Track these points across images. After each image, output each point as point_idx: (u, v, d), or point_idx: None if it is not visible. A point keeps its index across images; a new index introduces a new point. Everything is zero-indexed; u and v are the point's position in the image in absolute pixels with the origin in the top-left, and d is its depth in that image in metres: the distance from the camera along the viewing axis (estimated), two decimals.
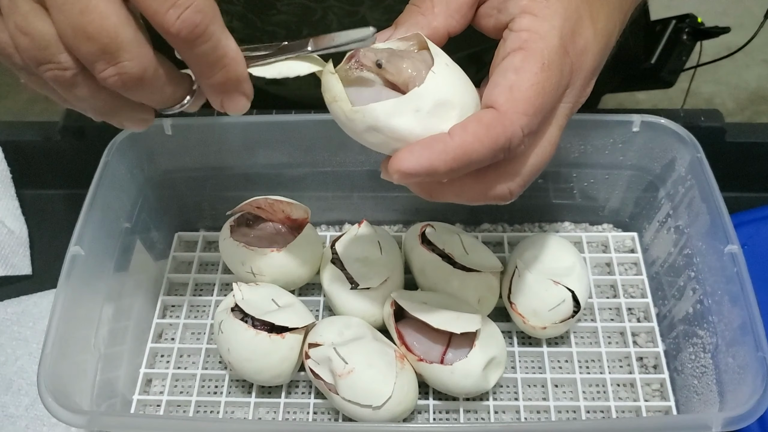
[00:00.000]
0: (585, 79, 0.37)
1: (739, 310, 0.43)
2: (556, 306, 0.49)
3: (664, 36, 0.76)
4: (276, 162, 0.55)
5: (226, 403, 0.50)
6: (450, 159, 0.33)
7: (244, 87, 0.36)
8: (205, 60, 0.34)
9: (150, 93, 0.34)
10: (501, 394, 0.50)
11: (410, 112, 0.34)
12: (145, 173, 0.54)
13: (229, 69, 0.35)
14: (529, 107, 0.33)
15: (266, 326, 0.48)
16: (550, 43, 0.34)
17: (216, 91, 0.36)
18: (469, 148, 0.33)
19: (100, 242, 0.49)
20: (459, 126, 0.33)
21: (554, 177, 0.56)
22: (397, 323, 0.49)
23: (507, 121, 0.33)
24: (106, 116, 0.37)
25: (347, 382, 0.45)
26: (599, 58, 0.38)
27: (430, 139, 0.33)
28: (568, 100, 0.37)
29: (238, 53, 0.35)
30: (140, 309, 0.53)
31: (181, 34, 0.32)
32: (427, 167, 0.33)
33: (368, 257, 0.51)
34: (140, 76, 0.33)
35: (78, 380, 0.45)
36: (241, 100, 0.36)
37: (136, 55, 0.33)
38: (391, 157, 0.33)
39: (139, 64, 0.33)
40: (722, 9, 1.60)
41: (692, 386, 0.48)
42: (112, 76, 0.33)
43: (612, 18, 0.38)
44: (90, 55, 0.32)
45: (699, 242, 0.49)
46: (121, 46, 0.32)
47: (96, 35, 0.32)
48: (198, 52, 0.33)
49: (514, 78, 0.34)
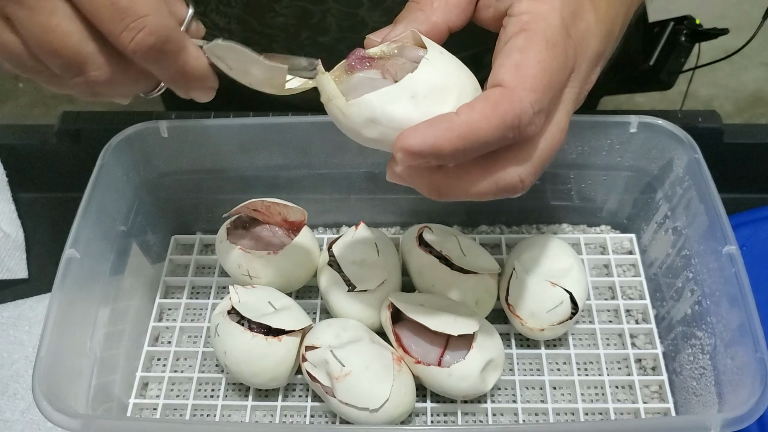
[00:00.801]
0: (589, 64, 0.36)
1: (738, 311, 0.43)
2: (554, 308, 0.49)
3: (663, 37, 0.76)
4: (273, 164, 0.55)
5: (222, 406, 0.50)
6: (455, 137, 0.31)
7: (208, 82, 0.38)
8: (166, 71, 0.36)
9: (121, 91, 0.37)
10: (499, 397, 0.50)
11: (406, 98, 0.33)
12: (141, 176, 0.54)
13: (191, 75, 0.37)
14: (537, 83, 0.32)
15: (263, 329, 0.47)
16: (551, 23, 0.34)
17: (181, 90, 0.38)
18: (476, 125, 0.31)
19: (95, 245, 0.48)
20: (466, 105, 0.32)
21: (552, 178, 0.56)
22: (394, 325, 0.49)
23: (515, 97, 0.32)
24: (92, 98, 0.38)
25: (344, 385, 0.45)
26: (603, 43, 0.37)
27: (435, 118, 0.32)
28: (574, 84, 0.36)
29: (198, 56, 0.37)
30: (136, 312, 0.53)
31: (136, 55, 0.34)
32: (432, 145, 0.31)
33: (365, 259, 0.51)
34: (108, 81, 0.35)
35: (73, 384, 0.45)
36: (208, 92, 0.39)
37: (102, 64, 0.34)
38: (396, 138, 0.32)
39: (105, 73, 0.35)
40: (720, 12, 1.60)
41: (691, 388, 0.47)
42: (81, 84, 0.35)
43: (614, 5, 0.38)
44: (57, 68, 0.34)
45: (697, 243, 0.49)
46: (86, 60, 0.34)
47: (60, 52, 0.33)
48: (157, 66, 0.35)
49: (519, 57, 0.33)
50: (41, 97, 1.67)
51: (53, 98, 1.66)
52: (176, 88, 0.38)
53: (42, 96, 1.67)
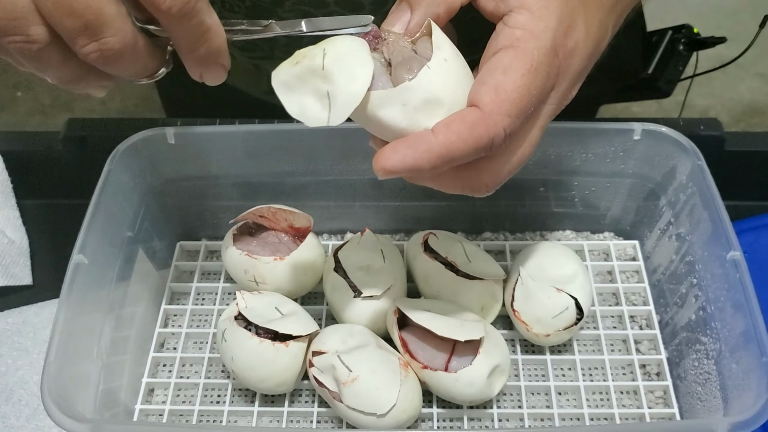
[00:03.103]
0: (570, 82, 0.37)
1: (742, 317, 0.43)
2: (559, 313, 0.49)
3: (661, 46, 0.76)
4: (278, 171, 0.55)
5: (229, 412, 0.50)
6: (434, 157, 0.33)
7: (224, 59, 0.37)
8: (191, 34, 0.34)
9: (127, 67, 0.35)
10: (505, 402, 0.50)
11: (398, 106, 0.34)
12: (147, 182, 0.54)
13: (212, 43, 0.35)
14: (513, 109, 0.34)
15: (270, 334, 0.48)
16: (541, 44, 0.34)
17: (197, 63, 0.36)
18: (452, 147, 0.33)
19: (102, 251, 0.49)
20: (443, 124, 0.34)
21: (555, 185, 0.56)
22: (400, 331, 0.49)
23: (491, 122, 0.34)
24: (68, 84, 0.36)
25: (351, 390, 0.45)
26: (587, 61, 0.38)
27: (414, 138, 0.34)
28: (552, 102, 0.37)
29: (220, 27, 0.36)
30: (142, 318, 0.53)
31: (172, 10, 0.32)
32: (412, 166, 0.33)
33: (371, 265, 0.51)
34: (121, 51, 0.33)
35: (81, 389, 0.45)
36: (220, 71, 0.38)
37: (119, 30, 0.32)
38: (376, 155, 0.34)
39: (121, 40, 0.33)
40: (716, 22, 1.61)
41: (696, 393, 0.48)
42: (94, 52, 0.33)
43: (604, 23, 0.38)
44: (72, 30, 0.32)
45: (700, 249, 0.49)
46: (105, 22, 0.32)
47: (80, 10, 0.31)
48: (186, 26, 0.34)
49: (501, 78, 0.34)
50: (39, 105, 1.67)
51: (51, 107, 1.66)
52: (192, 62, 0.36)
53: (40, 105, 1.67)
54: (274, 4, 0.53)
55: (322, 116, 0.34)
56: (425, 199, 0.58)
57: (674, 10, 1.53)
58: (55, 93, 1.67)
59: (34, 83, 1.64)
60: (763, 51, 0.83)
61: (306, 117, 0.34)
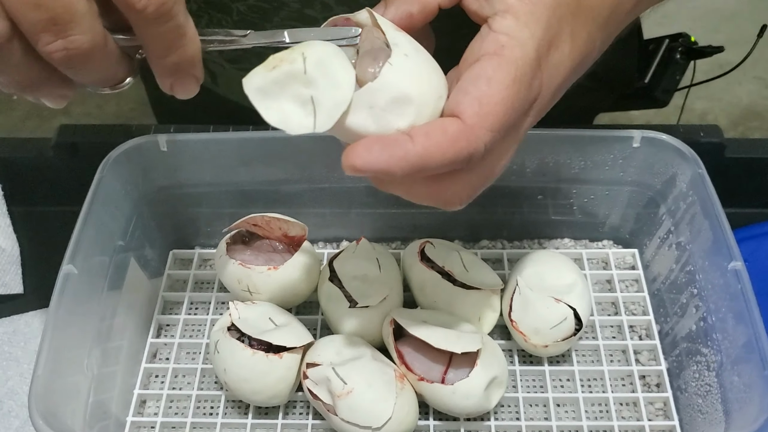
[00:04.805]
0: (551, 95, 0.36)
1: (744, 328, 0.43)
2: (557, 324, 0.48)
3: (658, 55, 0.76)
4: (273, 178, 0.54)
5: (222, 424, 0.49)
6: (408, 165, 0.32)
7: (196, 70, 0.35)
8: (165, 39, 0.32)
9: (93, 72, 0.32)
10: (502, 414, 0.49)
11: (365, 109, 0.33)
12: (139, 190, 0.54)
13: (185, 50, 0.33)
14: (496, 123, 0.33)
15: (263, 346, 0.47)
16: (526, 53, 0.33)
17: (169, 72, 0.34)
18: (430, 157, 0.32)
19: (93, 260, 0.48)
20: (422, 132, 0.32)
21: (554, 193, 0.56)
22: (396, 342, 0.48)
23: (473, 136, 0.32)
24: (25, 91, 0.33)
25: (346, 403, 0.44)
26: (569, 75, 0.37)
27: (390, 141, 0.32)
28: (532, 114, 0.36)
29: (195, 35, 0.33)
30: (134, 328, 0.52)
31: (147, 10, 0.30)
32: (383, 169, 0.32)
33: (367, 275, 0.50)
34: (89, 52, 0.30)
35: (70, 402, 0.44)
36: (192, 83, 0.35)
37: (89, 29, 0.30)
38: (347, 150, 0.32)
39: (90, 39, 0.30)
40: (715, 27, 1.61)
41: (696, 405, 0.47)
42: (59, 51, 0.30)
43: (593, 37, 0.37)
44: (37, 24, 0.29)
45: (701, 259, 0.48)
46: (74, 18, 0.29)
47: (48, 3, 0.29)
48: (160, 30, 0.32)
49: (485, 89, 0.33)
50: (35, 109, 1.66)
51: (48, 111, 1.66)
52: (164, 70, 0.34)
53: (36, 108, 1.66)
54: (263, 19, 0.52)
55: (306, 123, 0.32)
56: (422, 207, 0.56)
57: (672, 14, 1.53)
58: None
59: None
60: (762, 55, 0.82)
61: (288, 125, 0.32)
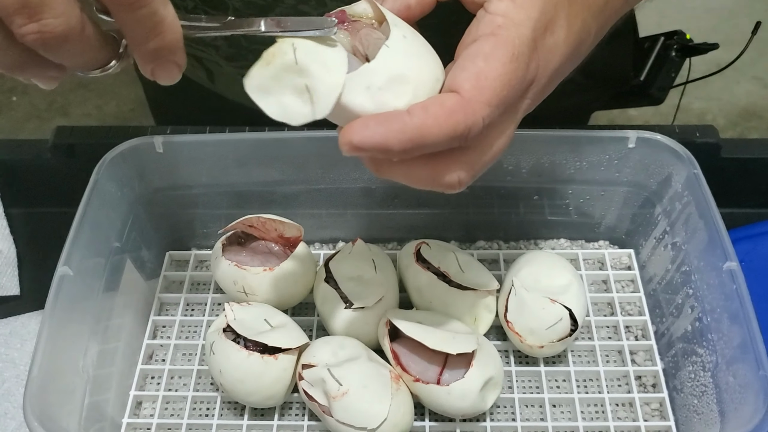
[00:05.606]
0: (548, 79, 0.36)
1: (739, 328, 0.43)
2: (553, 324, 0.48)
3: (653, 53, 0.76)
4: (269, 179, 0.54)
5: (218, 425, 0.49)
6: (406, 139, 0.32)
7: (178, 56, 0.34)
8: (143, 25, 0.32)
9: (72, 55, 0.32)
10: (498, 415, 0.49)
11: (362, 89, 0.33)
12: (135, 191, 0.54)
13: (165, 36, 0.33)
14: (494, 97, 0.33)
15: (259, 347, 0.47)
16: (522, 33, 0.33)
17: (149, 59, 0.34)
18: (427, 131, 0.32)
19: (89, 262, 0.48)
20: (420, 106, 0.32)
21: (549, 193, 0.56)
22: (392, 343, 0.48)
23: (470, 110, 0.32)
24: (13, 72, 0.33)
25: (342, 404, 0.44)
26: (566, 61, 0.37)
27: (387, 116, 0.32)
28: (530, 96, 0.36)
29: (175, 21, 0.33)
30: (130, 330, 0.52)
31: None
32: (381, 144, 0.32)
33: (362, 276, 0.50)
34: (64, 35, 0.30)
35: (66, 403, 0.44)
36: (174, 69, 0.35)
37: (62, 12, 0.29)
38: (344, 128, 0.32)
39: (64, 23, 0.30)
40: (711, 25, 1.61)
41: (692, 405, 0.47)
42: (32, 34, 0.29)
43: (587, 25, 0.37)
44: (9, 6, 0.29)
45: (697, 259, 0.48)
46: (46, 1, 0.29)
47: None
48: (137, 16, 0.31)
49: (483, 65, 0.33)
50: (35, 110, 1.66)
51: (47, 111, 1.66)
52: (144, 56, 0.34)
53: (36, 109, 1.66)
54: (259, 16, 0.52)
55: (305, 111, 0.33)
56: (418, 207, 0.57)
57: (668, 12, 1.53)
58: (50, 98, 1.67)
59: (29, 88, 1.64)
60: (760, 54, 0.83)
61: (289, 116, 0.33)
